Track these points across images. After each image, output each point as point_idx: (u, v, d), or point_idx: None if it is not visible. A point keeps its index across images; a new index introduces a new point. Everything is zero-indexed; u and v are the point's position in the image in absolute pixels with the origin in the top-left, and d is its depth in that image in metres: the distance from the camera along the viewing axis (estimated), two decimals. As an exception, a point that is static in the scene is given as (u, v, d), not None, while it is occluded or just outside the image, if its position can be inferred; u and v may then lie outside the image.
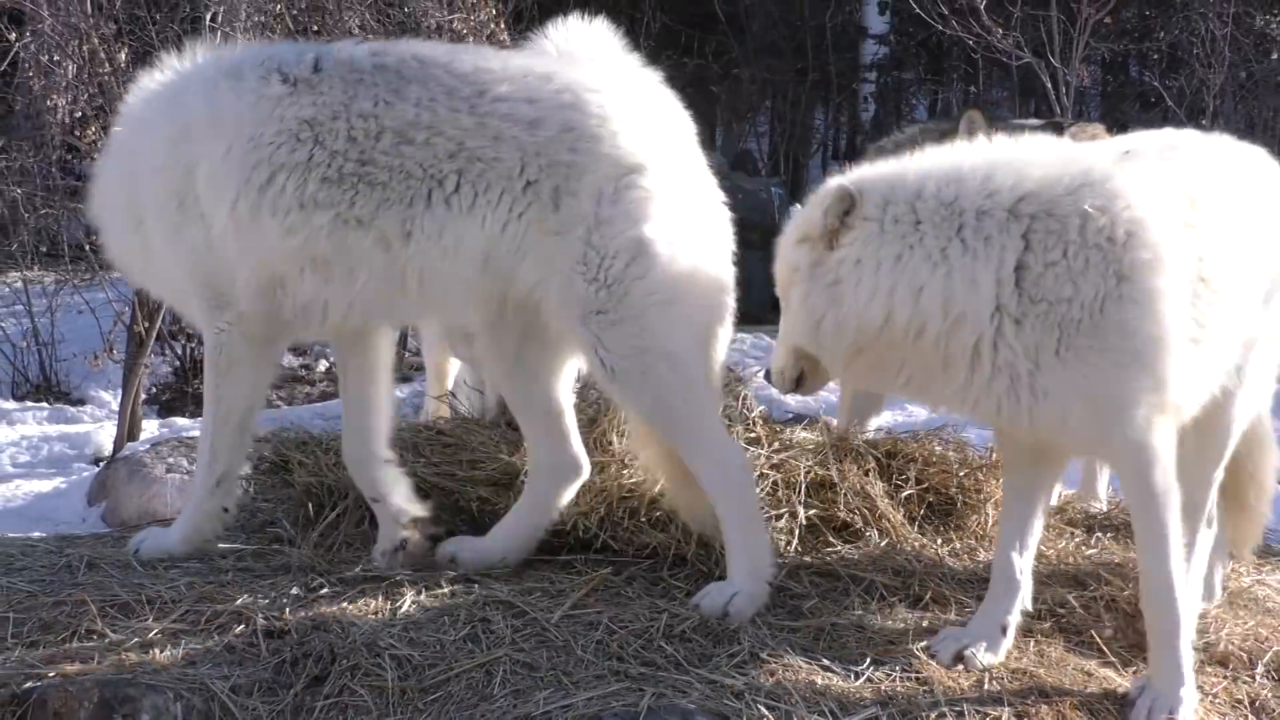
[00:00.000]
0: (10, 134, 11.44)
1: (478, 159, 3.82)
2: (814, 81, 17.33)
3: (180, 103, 4.01)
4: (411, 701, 3.35)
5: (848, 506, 4.40)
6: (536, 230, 3.81)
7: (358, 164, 3.83)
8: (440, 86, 3.86)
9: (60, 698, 3.27)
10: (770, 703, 3.34)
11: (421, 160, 3.82)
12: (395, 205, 3.83)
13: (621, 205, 3.81)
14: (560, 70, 3.96)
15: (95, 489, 7.40)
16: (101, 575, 3.88)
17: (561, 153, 3.80)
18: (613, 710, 3.25)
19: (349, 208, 3.82)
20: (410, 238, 3.83)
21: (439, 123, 3.83)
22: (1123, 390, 3.50)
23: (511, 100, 3.84)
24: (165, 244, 4.02)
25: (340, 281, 3.90)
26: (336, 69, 3.90)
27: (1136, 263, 3.48)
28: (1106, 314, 3.47)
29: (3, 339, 10.60)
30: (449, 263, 3.85)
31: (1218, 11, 13.19)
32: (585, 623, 3.69)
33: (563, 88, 3.87)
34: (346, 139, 3.83)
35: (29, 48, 10.28)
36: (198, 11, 9.43)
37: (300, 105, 3.86)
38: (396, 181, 3.83)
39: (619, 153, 3.83)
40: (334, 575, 3.92)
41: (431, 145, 3.82)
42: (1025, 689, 3.59)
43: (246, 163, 3.86)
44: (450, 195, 3.82)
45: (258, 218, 3.86)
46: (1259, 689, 3.89)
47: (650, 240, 3.80)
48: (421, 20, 10.19)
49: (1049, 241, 3.49)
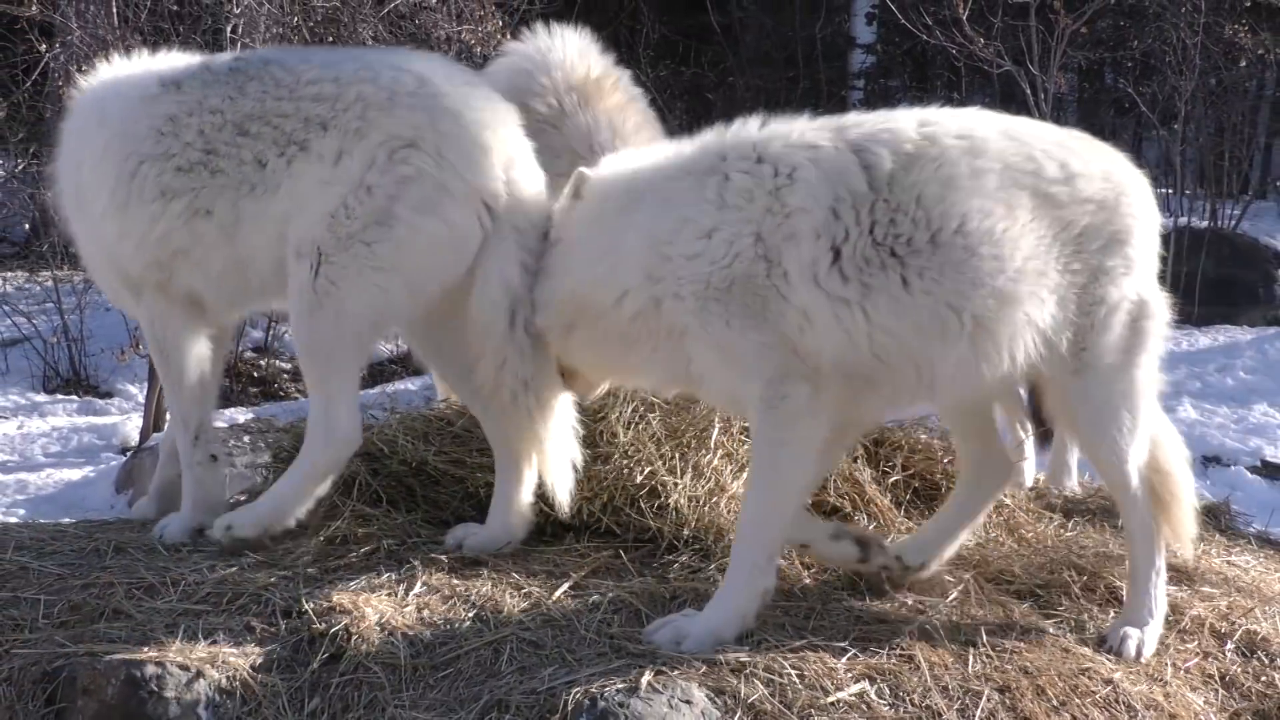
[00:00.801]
0: (41, 140, 11.42)
1: (293, 142, 3.93)
2: (805, 89, 17.28)
3: (97, 105, 4.20)
4: (423, 678, 3.35)
5: (837, 492, 4.40)
6: (315, 185, 3.89)
7: (203, 153, 3.97)
8: (273, 81, 3.99)
9: (89, 675, 3.26)
10: (766, 676, 3.33)
11: (254, 149, 3.95)
12: (230, 192, 3.96)
13: (388, 176, 3.84)
14: (371, 54, 4.13)
15: (122, 477, 7.39)
16: (128, 559, 3.87)
17: (352, 120, 3.89)
18: (615, 686, 3.24)
19: (196, 197, 3.96)
20: (239, 223, 3.97)
21: (267, 113, 3.96)
22: (747, 349, 3.58)
23: (321, 82, 3.95)
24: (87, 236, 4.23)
25: (201, 269, 4.03)
26: (201, 73, 4.07)
27: (783, 232, 3.58)
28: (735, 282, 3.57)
29: (34, 335, 10.60)
30: (264, 241, 3.96)
31: (1189, 21, 13.18)
32: (588, 603, 3.69)
33: (364, 65, 3.98)
34: (197, 132, 3.98)
35: (58, 58, 10.27)
36: (219, 24, 9.42)
37: (165, 103, 4.02)
38: (233, 170, 3.96)
39: (397, 125, 3.85)
40: (347, 559, 3.92)
41: (261, 135, 3.95)
42: (1009, 666, 3.58)
43: (120, 154, 4.03)
44: (268, 177, 3.94)
45: (127, 207, 4.02)
46: (1229, 665, 3.88)
47: (395, 217, 3.84)
48: (432, 31, 10.18)
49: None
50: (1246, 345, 11.67)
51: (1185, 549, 4.11)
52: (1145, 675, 3.72)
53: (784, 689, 3.31)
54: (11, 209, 12.59)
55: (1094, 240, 3.73)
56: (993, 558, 4.29)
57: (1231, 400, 10.21)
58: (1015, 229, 3.62)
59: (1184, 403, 10.00)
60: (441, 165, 3.85)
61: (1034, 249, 3.64)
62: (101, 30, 9.38)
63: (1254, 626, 4.04)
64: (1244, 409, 9.97)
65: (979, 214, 3.59)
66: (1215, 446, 9.08)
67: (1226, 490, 7.43)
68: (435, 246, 3.87)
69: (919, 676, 3.44)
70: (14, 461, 8.65)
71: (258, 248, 3.98)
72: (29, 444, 9.04)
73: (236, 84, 4.00)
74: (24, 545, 3.91)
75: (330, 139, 3.88)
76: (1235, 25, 13.76)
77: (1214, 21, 13.61)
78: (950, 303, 3.58)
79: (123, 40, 9.08)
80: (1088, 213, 3.72)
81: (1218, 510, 5.10)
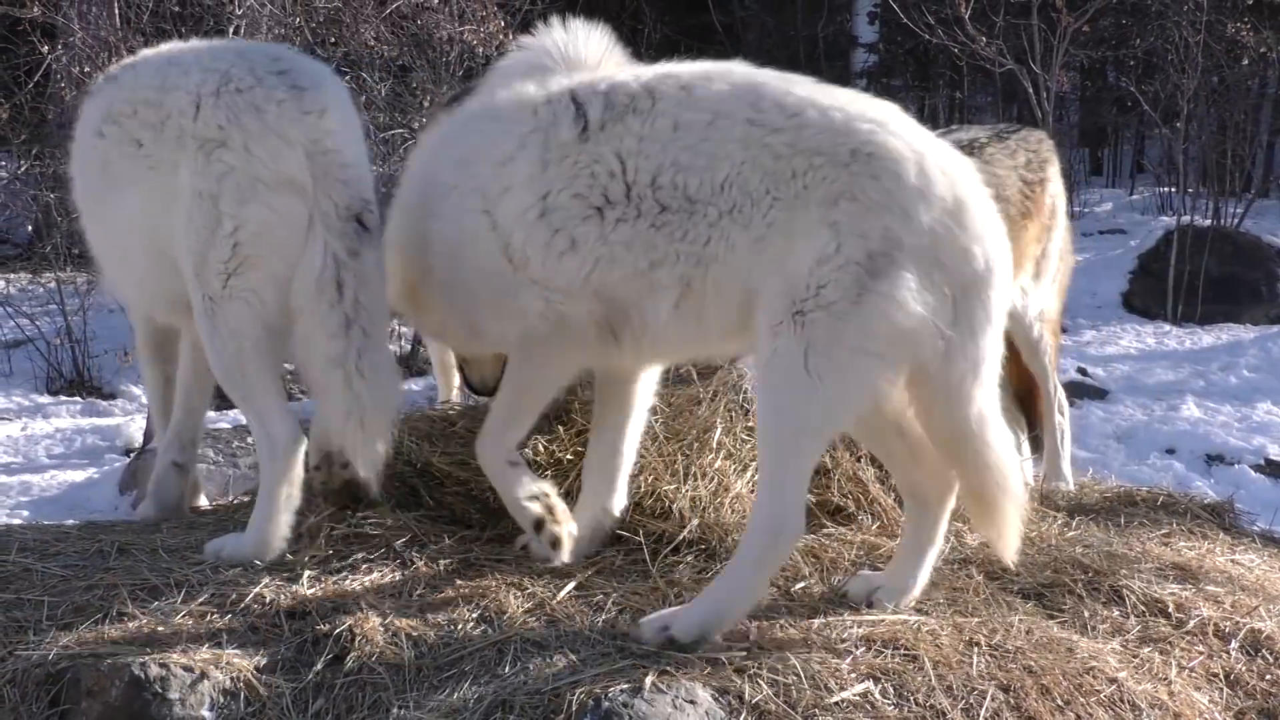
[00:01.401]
0: (44, 142, 11.44)
1: (143, 153, 3.99)
2: (807, 89, 17.29)
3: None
4: (427, 679, 3.34)
5: (841, 491, 4.40)
6: (166, 199, 3.96)
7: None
8: (125, 84, 4.10)
9: (93, 677, 3.26)
10: (771, 676, 3.33)
11: (108, 150, 4.07)
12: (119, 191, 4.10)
13: (206, 172, 3.89)
14: (192, 55, 4.11)
15: (126, 479, 7.41)
16: (132, 560, 3.86)
17: (173, 130, 3.93)
18: (619, 686, 3.24)
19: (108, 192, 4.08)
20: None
21: (116, 115, 4.05)
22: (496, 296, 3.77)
23: (148, 89, 4.03)
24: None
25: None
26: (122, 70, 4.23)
27: (500, 184, 3.74)
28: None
29: (38, 337, 10.61)
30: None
31: (1191, 19, 13.18)
32: (592, 604, 3.69)
33: (181, 69, 4.02)
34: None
35: (60, 60, 10.28)
36: (221, 25, 9.43)
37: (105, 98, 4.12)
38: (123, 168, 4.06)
39: (204, 129, 3.89)
40: (351, 559, 3.91)
41: (112, 136, 4.05)
42: (1013, 665, 3.58)
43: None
44: (118, 183, 4.06)
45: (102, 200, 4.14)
46: (1234, 663, 3.88)
47: (223, 214, 3.87)
48: (434, 32, 10.18)
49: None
50: (1250, 344, 11.68)
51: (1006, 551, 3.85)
52: (1150, 674, 3.71)
53: (788, 689, 3.31)
54: (15, 210, 12.60)
55: (815, 194, 3.47)
56: (996, 557, 4.28)
57: (1235, 399, 10.21)
58: (718, 182, 3.53)
59: (1187, 401, 10.01)
60: (250, 159, 3.89)
61: (740, 203, 3.52)
62: (104, 32, 9.39)
63: (1258, 625, 4.03)
64: (1247, 407, 9.97)
65: (673, 168, 3.56)
66: (1219, 445, 9.10)
67: (1230, 489, 7.45)
68: (267, 232, 3.90)
69: (923, 676, 3.44)
70: (17, 463, 8.66)
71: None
72: (32, 445, 9.05)
73: (118, 81, 4.13)
74: (27, 547, 3.91)
75: (165, 148, 3.95)
76: (1237, 23, 13.77)
77: (1216, 20, 13.63)
78: (651, 259, 3.57)
79: (125, 41, 9.09)
80: (813, 167, 3.49)
81: (1222, 509, 5.09)
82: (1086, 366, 10.92)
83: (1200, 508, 5.04)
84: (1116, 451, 8.96)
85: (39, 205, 11.54)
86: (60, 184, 10.84)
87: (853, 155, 3.48)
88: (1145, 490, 5.24)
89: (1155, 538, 4.66)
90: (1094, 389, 10.36)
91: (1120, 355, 11.58)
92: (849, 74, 17.62)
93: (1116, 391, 10.37)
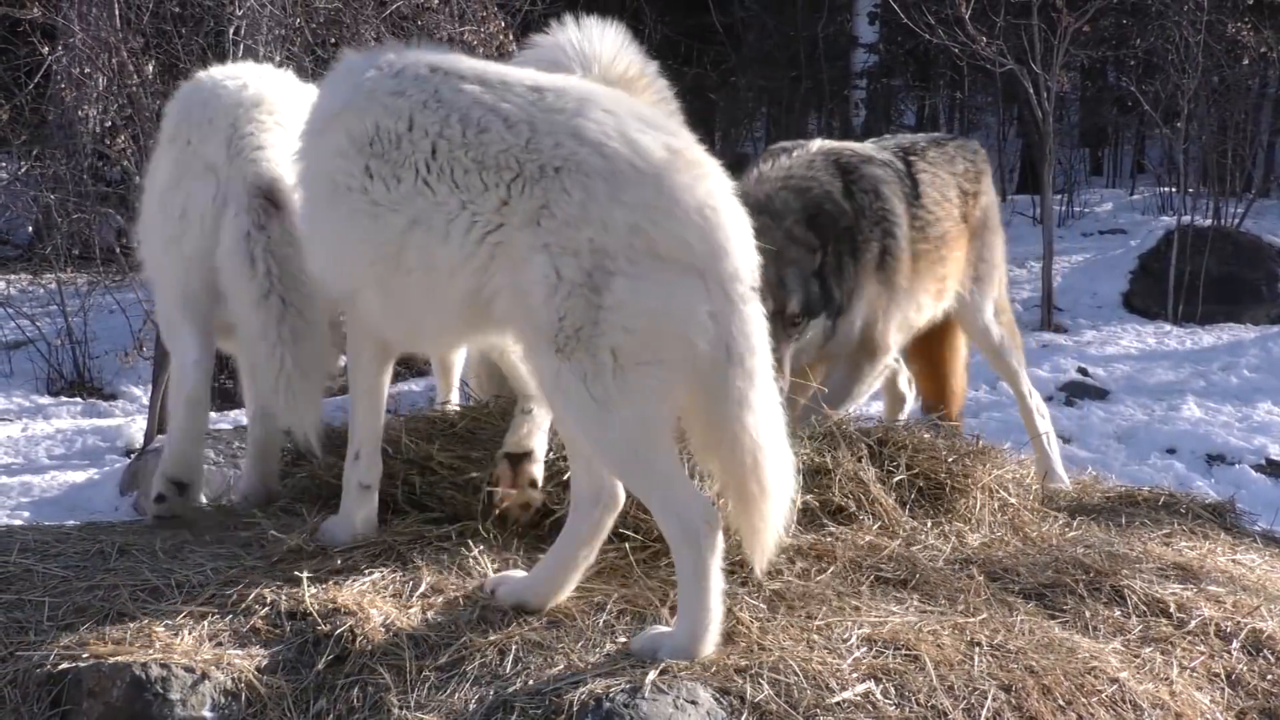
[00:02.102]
0: (44, 143, 11.45)
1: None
2: (807, 89, 17.31)
3: None
4: (428, 679, 3.34)
5: (842, 491, 4.40)
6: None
7: None
8: None
9: (94, 678, 3.26)
10: (772, 677, 3.33)
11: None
12: None
13: (166, 172, 4.33)
14: None
15: (127, 479, 7.42)
16: (132, 561, 3.86)
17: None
18: (620, 686, 3.23)
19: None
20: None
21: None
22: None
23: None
24: None
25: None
26: None
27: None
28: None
29: (38, 338, 10.62)
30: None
31: (1191, 19, 13.18)
32: (593, 604, 3.68)
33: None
34: None
35: (61, 61, 10.29)
36: (221, 26, 9.43)
37: None
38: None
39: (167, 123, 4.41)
40: (352, 559, 3.91)
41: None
42: (1014, 665, 3.57)
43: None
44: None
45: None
46: (1235, 663, 3.88)
47: (166, 204, 4.25)
48: (434, 33, 10.18)
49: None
50: (1250, 344, 11.67)
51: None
52: (1151, 674, 3.71)
53: (789, 689, 3.30)
54: (15, 211, 12.60)
55: (524, 202, 3.40)
56: (997, 557, 4.28)
57: (1236, 399, 10.21)
58: (411, 186, 3.54)
59: (1188, 401, 10.00)
60: (188, 149, 4.27)
61: (441, 207, 3.49)
62: (104, 33, 9.38)
63: (1260, 625, 4.03)
64: (1248, 407, 9.96)
65: (373, 166, 3.59)
66: (1220, 445, 9.10)
67: (1231, 489, 7.45)
68: (192, 218, 4.21)
69: (924, 676, 3.44)
70: (18, 464, 8.66)
71: None
72: (33, 446, 9.06)
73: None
74: (28, 548, 3.90)
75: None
76: (1238, 23, 13.77)
77: (1216, 19, 13.63)
78: (375, 253, 3.62)
79: (125, 43, 9.09)
80: (511, 173, 3.41)
81: (1223, 509, 5.10)
82: (1087, 366, 10.91)
83: (1201, 508, 5.05)
84: (1117, 451, 8.97)
85: (39, 206, 11.54)
86: (60, 185, 10.86)
87: (541, 171, 3.40)
88: (1146, 490, 5.25)
89: (1156, 538, 4.66)
90: (1094, 389, 10.36)
91: (1121, 355, 11.58)
92: (849, 74, 17.64)
93: (1117, 391, 10.37)
